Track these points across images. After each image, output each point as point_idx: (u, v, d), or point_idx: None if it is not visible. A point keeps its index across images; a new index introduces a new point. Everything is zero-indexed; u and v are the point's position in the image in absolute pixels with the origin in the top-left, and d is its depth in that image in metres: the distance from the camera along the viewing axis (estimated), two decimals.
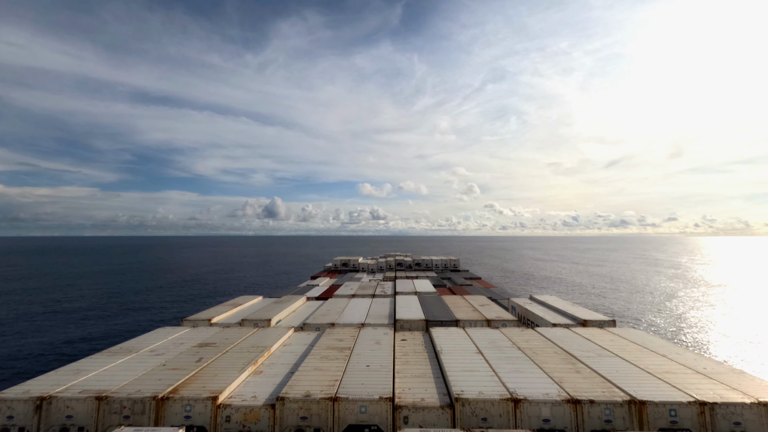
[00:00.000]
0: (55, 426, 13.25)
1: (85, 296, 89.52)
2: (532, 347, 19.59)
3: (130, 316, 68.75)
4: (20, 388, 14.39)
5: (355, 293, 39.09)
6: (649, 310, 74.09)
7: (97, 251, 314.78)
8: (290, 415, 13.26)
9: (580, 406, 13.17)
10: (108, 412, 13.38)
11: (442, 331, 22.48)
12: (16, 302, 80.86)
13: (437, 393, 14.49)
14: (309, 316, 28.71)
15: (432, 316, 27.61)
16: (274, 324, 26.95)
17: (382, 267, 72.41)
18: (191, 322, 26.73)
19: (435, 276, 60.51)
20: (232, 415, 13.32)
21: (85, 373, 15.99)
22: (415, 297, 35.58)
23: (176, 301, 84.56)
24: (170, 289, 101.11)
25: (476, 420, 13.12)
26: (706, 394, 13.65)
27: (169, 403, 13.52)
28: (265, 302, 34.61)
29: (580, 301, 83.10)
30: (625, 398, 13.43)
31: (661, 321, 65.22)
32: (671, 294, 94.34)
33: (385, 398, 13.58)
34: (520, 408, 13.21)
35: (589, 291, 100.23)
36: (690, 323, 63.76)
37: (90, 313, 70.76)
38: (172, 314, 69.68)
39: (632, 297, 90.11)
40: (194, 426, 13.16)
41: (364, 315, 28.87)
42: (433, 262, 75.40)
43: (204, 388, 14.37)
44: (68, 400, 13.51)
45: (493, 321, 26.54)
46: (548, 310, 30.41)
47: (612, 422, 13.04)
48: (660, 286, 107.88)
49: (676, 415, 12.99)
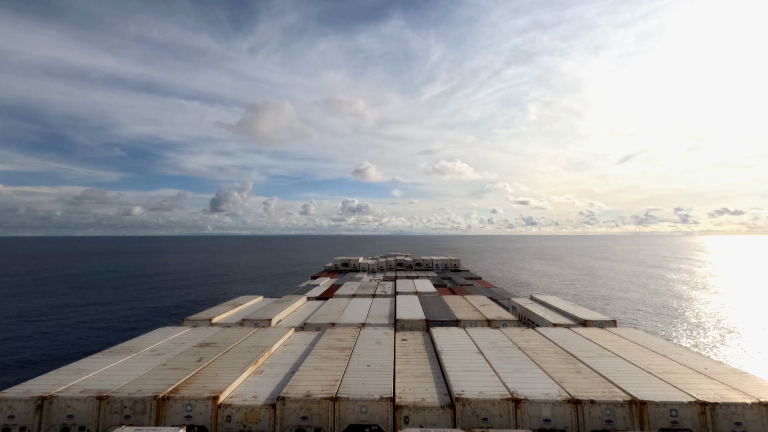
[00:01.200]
0: (56, 426, 13.26)
1: (85, 296, 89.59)
2: (533, 347, 19.58)
3: (131, 316, 68.81)
4: (21, 388, 14.40)
5: (355, 293, 39.09)
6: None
7: (110, 252, 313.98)
8: (291, 415, 13.26)
9: (580, 406, 13.16)
10: (109, 412, 13.39)
11: (443, 331, 22.48)
12: (15, 302, 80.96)
13: (438, 393, 14.49)
14: (309, 316, 28.72)
15: (432, 316, 27.60)
16: (274, 324, 26.95)
17: (382, 267, 72.40)
18: (192, 321, 26.74)
19: (435, 276, 60.51)
20: (233, 415, 13.32)
21: (86, 372, 16.01)
22: (416, 297, 35.57)
23: (176, 301, 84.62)
24: (170, 289, 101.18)
25: (477, 420, 13.11)
26: (707, 394, 13.63)
27: (169, 403, 13.53)
28: (265, 302, 34.63)
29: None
30: (626, 398, 13.42)
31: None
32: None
33: (385, 398, 13.58)
34: (521, 408, 13.21)
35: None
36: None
37: (90, 312, 70.82)
38: (173, 314, 69.71)
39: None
40: (195, 426, 13.17)
41: (365, 315, 28.87)
42: (433, 262, 75.38)
43: (205, 388, 14.37)
44: (69, 400, 13.52)
45: (494, 321, 26.53)
46: (549, 310, 30.40)
47: (613, 422, 13.03)
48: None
49: (676, 415, 12.98)
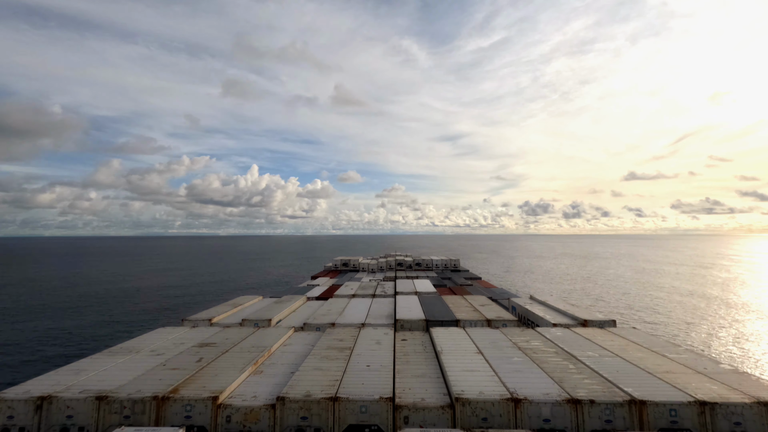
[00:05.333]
0: (55, 426, 13.25)
1: (84, 296, 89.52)
2: (533, 347, 19.58)
3: (131, 316, 68.77)
4: (20, 388, 14.39)
5: (355, 293, 39.06)
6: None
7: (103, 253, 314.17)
8: (290, 415, 13.26)
9: (580, 406, 13.17)
10: (108, 412, 13.38)
11: (443, 331, 22.47)
12: (14, 302, 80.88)
13: (438, 393, 14.49)
14: (309, 316, 28.70)
15: (432, 316, 27.59)
16: (274, 324, 26.93)
17: (382, 267, 72.36)
18: (191, 322, 26.73)
19: (435, 276, 60.50)
20: (233, 415, 13.32)
21: (85, 373, 16.00)
22: (416, 297, 35.57)
23: (176, 301, 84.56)
24: (169, 289, 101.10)
25: (476, 420, 13.12)
26: (706, 394, 13.64)
27: (169, 403, 13.52)
28: (265, 302, 34.61)
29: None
30: (626, 398, 13.42)
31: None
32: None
33: (385, 398, 13.58)
34: (521, 408, 13.21)
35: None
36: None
37: (90, 313, 70.77)
38: (172, 314, 69.67)
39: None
40: (195, 426, 13.16)
41: (365, 315, 28.86)
42: (433, 262, 75.38)
43: (204, 388, 14.37)
44: (68, 400, 13.51)
45: (494, 321, 26.52)
46: (548, 310, 30.39)
47: (612, 422, 13.03)
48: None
49: (676, 415, 12.99)
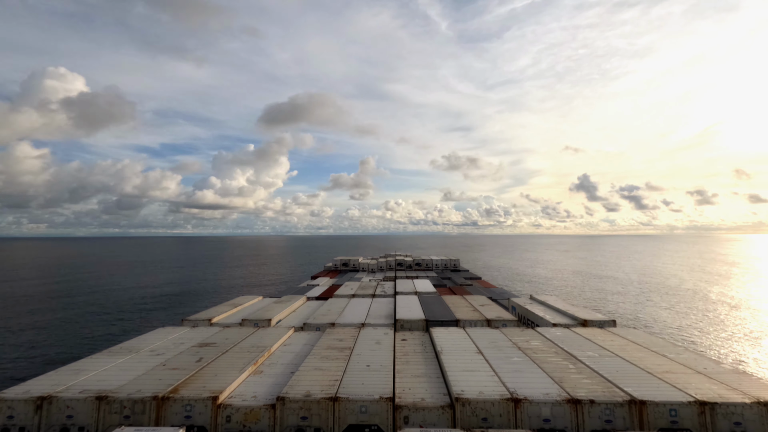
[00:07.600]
0: (55, 426, 13.26)
1: (84, 296, 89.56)
2: (533, 347, 19.59)
3: (131, 316, 68.78)
4: (20, 388, 14.41)
5: (355, 293, 39.08)
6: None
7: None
8: (290, 415, 13.27)
9: (580, 406, 13.18)
10: (108, 412, 13.40)
11: (443, 331, 22.48)
12: (13, 303, 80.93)
13: (437, 393, 14.51)
14: (309, 316, 28.72)
15: (432, 316, 27.61)
16: (274, 324, 26.95)
17: (382, 267, 72.39)
18: (191, 322, 26.74)
19: (435, 276, 60.52)
20: (233, 415, 13.33)
21: (85, 373, 16.01)
22: (416, 297, 35.58)
23: (176, 300, 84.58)
24: (169, 289, 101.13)
25: (476, 420, 13.13)
26: (706, 394, 13.66)
27: (169, 403, 13.54)
28: (265, 302, 34.62)
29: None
30: (626, 398, 13.44)
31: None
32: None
33: (385, 398, 13.60)
34: (521, 408, 13.22)
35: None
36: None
37: (90, 313, 70.80)
38: (172, 314, 69.67)
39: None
40: (195, 426, 13.17)
41: (365, 315, 28.87)
42: (433, 262, 75.39)
43: (204, 388, 14.38)
44: (68, 400, 13.53)
45: (494, 321, 26.54)
46: (548, 310, 30.41)
47: (612, 422, 13.05)
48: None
49: (676, 415, 13.00)
